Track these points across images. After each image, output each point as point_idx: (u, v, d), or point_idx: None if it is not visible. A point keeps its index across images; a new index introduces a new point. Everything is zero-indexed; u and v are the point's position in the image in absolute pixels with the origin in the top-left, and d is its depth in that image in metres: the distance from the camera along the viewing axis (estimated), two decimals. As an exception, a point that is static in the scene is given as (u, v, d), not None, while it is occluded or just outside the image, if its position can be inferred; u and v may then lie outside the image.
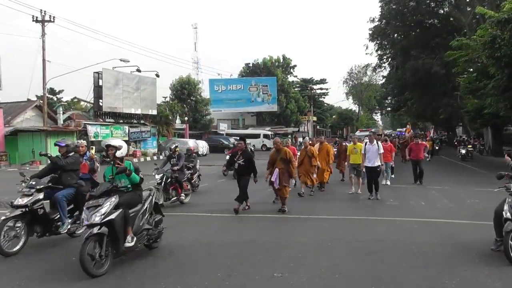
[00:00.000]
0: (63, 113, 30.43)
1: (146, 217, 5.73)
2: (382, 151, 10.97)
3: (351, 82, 78.47)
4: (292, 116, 55.98)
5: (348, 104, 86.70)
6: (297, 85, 64.73)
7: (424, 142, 15.25)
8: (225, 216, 8.61)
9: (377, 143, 11.10)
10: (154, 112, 35.54)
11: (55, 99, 42.92)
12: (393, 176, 14.65)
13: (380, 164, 10.80)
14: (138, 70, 33.08)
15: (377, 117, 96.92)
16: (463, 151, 23.75)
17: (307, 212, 9.05)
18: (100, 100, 31.36)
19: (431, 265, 5.32)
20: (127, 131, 31.75)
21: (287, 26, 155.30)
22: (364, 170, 11.00)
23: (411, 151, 14.08)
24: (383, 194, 11.07)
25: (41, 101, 29.14)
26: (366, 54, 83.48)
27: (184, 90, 41.90)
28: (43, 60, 27.11)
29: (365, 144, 11.00)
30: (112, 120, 32.01)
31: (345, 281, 4.78)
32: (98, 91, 31.25)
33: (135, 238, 5.31)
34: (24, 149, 24.56)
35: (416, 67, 28.15)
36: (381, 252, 5.91)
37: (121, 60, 29.57)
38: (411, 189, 12.81)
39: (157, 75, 35.52)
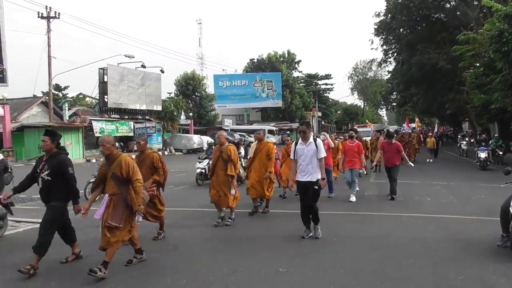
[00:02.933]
0: (69, 109, 30.59)
1: None
2: (323, 154, 6.31)
3: (356, 77, 78.17)
4: (297, 112, 55.88)
5: (353, 99, 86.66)
6: (302, 81, 64.55)
7: (397, 142, 10.50)
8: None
9: (315, 142, 6.36)
10: (159, 108, 35.63)
11: (61, 95, 43.13)
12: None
13: (319, 177, 6.25)
14: (143, 66, 33.16)
15: (383, 112, 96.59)
16: (483, 155, 17.65)
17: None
18: (106, 96, 31.50)
19: (437, 261, 5.29)
20: (132, 127, 31.85)
21: (292, 22, 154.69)
22: (292, 188, 6.96)
23: (384, 154, 10.29)
24: (387, 190, 10.96)
25: (47, 97, 29.30)
26: (371, 49, 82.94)
27: (189, 85, 41.93)
28: (49, 56, 27.23)
29: (295, 145, 6.53)
30: (117, 116, 32.14)
31: (350, 277, 4.78)
32: (103, 87, 31.38)
33: None
34: (30, 145, 24.74)
35: (422, 62, 27.93)
36: (387, 248, 5.89)
37: (126, 56, 29.66)
38: (417, 185, 12.75)
39: (162, 71, 35.58)
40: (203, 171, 12.75)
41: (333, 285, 4.51)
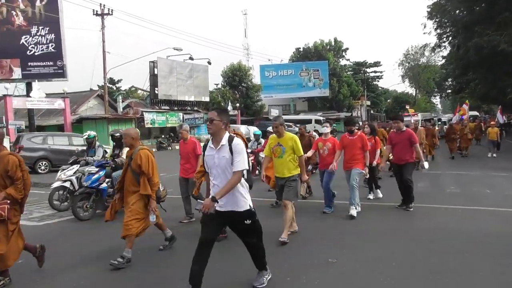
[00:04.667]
0: (122, 101, 32.00)
1: None
2: (242, 165, 3.83)
3: (407, 64, 75.00)
4: (345, 101, 54.74)
5: (404, 87, 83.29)
6: (350, 69, 63.00)
7: (409, 130, 7.74)
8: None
9: (230, 144, 3.89)
10: (207, 99, 36.33)
11: (115, 88, 45.13)
12: (380, 195, 8.84)
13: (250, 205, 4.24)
14: (191, 58, 33.88)
15: (436, 100, 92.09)
16: None
17: (362, 199, 8.85)
18: (156, 88, 32.56)
19: (496, 256, 5.02)
20: (181, 117, 32.76)
21: (339, 8, 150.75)
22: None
23: (392, 147, 7.81)
24: (441, 181, 10.47)
25: (102, 91, 30.80)
26: (424, 33, 79.26)
27: (235, 76, 42.30)
28: (103, 51, 28.53)
29: (204, 149, 4.29)
30: (167, 108, 33.17)
31: (401, 270, 4.66)
32: (153, 79, 32.45)
33: None
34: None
35: (481, 45, 26.19)
36: (441, 241, 5.67)
37: (174, 49, 30.42)
38: (474, 176, 12.08)
39: (209, 63, 36.16)
40: (68, 185, 7.98)
41: (383, 277, 4.43)
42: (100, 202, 7.62)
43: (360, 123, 22.84)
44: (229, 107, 41.27)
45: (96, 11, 28.48)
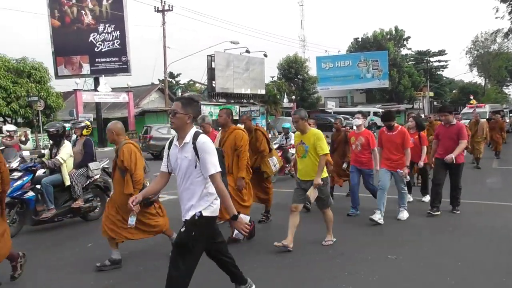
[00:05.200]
0: (181, 94, 33.07)
1: None
2: (213, 169, 3.10)
3: (476, 52, 69.84)
4: (406, 92, 52.42)
5: (472, 76, 77.83)
6: (411, 58, 60.07)
7: (459, 124, 6.81)
8: (338, 194, 8.48)
9: (194, 142, 3.13)
10: (263, 91, 36.50)
11: (174, 82, 46.77)
12: (410, 198, 7.44)
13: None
14: (247, 51, 34.16)
15: (509, 90, 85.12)
16: None
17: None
18: (213, 82, 33.27)
19: None
20: (237, 110, 33.23)
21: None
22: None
23: (439, 142, 6.84)
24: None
25: (163, 84, 32.05)
26: (496, 18, 72.91)
27: (291, 69, 42.04)
28: (164, 46, 29.64)
29: (169, 145, 3.44)
30: (224, 100, 33.79)
31: (469, 270, 4.37)
32: (211, 73, 33.15)
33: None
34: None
35: (562, 29, 23.77)
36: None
37: (231, 43, 30.86)
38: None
39: (265, 55, 36.24)
40: None
41: (449, 277, 4.18)
42: (27, 214, 6.02)
43: (423, 115, 21.68)
44: (285, 100, 41.17)
45: (157, 7, 29.60)
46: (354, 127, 7.03)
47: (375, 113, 40.56)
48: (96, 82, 27.66)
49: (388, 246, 5.17)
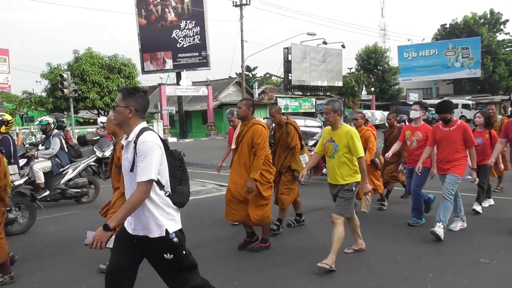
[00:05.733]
0: (258, 87, 33.50)
1: None
2: (144, 175, 2.51)
3: None
4: (501, 82, 47.57)
5: None
6: (509, 44, 54.28)
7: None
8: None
9: (135, 141, 2.61)
10: (340, 83, 35.65)
11: (251, 75, 47.53)
12: (487, 202, 6.62)
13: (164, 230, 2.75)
14: (324, 43, 33.49)
15: None
16: None
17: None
18: (289, 74, 33.20)
19: None
20: (314, 103, 32.83)
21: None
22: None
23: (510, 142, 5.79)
24: None
25: (240, 78, 32.71)
26: None
27: (371, 59, 40.51)
28: (241, 40, 30.16)
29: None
30: (300, 93, 33.58)
31: None
32: (287, 65, 33.10)
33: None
34: (227, 120, 28.31)
35: None
36: None
37: (308, 34, 30.44)
38: None
39: (343, 46, 35.26)
40: None
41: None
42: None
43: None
44: (363, 92, 39.76)
45: (235, 2, 30.16)
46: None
47: (464, 106, 37.44)
48: (178, 77, 29.10)
49: (482, 250, 4.69)
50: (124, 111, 2.61)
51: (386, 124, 7.21)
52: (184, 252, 2.64)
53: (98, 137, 10.07)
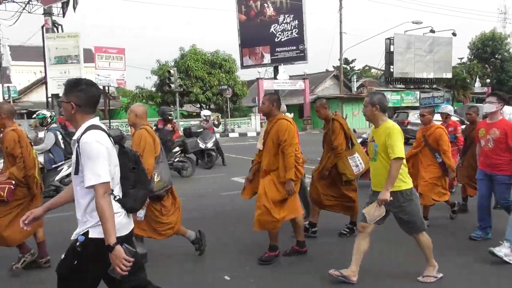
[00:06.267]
0: (356, 80, 32.32)
1: None
2: (92, 179, 2.21)
3: None
4: None
5: None
6: None
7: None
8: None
9: (78, 141, 2.34)
10: (449, 75, 32.72)
11: (349, 68, 46.05)
12: None
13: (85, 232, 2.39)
14: (432, 31, 31.00)
15: None
16: None
17: None
18: (391, 66, 31.43)
19: None
20: (418, 96, 30.69)
21: None
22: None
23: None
24: None
25: (338, 71, 31.88)
26: None
27: (487, 47, 36.40)
28: (340, 32, 29.36)
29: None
30: (402, 86, 31.63)
31: None
32: (389, 57, 31.36)
33: None
34: (323, 115, 27.87)
35: None
36: None
37: (413, 23, 28.53)
38: None
39: (454, 34, 32.22)
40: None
41: None
42: None
43: None
44: (477, 84, 35.95)
45: (335, -7, 29.40)
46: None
47: None
48: (276, 71, 29.38)
49: None
50: (67, 106, 2.32)
51: (466, 121, 6.07)
52: (80, 264, 2.23)
53: (202, 130, 10.65)
